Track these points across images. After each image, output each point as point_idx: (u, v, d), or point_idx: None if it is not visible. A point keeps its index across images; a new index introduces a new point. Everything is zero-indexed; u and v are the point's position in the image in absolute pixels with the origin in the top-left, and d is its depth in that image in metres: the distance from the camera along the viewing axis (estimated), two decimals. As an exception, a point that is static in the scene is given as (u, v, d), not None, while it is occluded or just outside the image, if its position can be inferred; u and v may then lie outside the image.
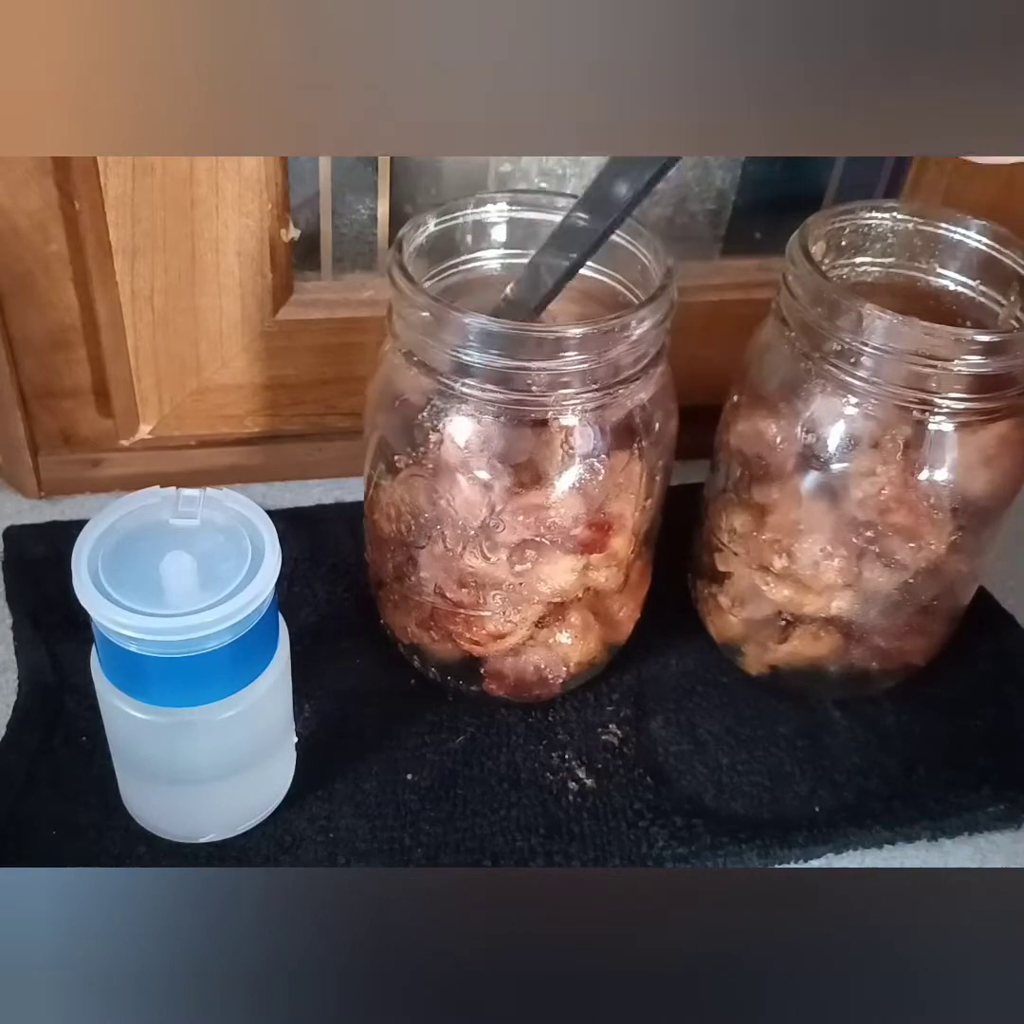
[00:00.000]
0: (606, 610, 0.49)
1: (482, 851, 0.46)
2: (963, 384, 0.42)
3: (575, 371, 0.40)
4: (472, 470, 0.42)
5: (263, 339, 0.58)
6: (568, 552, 0.44)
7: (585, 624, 0.48)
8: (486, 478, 0.43)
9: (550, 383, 0.40)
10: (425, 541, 0.45)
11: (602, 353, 0.40)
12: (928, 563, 0.47)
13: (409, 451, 0.44)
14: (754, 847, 0.47)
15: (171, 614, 0.37)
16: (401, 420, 0.44)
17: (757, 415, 0.47)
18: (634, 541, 0.46)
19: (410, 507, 0.45)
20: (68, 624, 0.50)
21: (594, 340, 0.40)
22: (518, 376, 0.40)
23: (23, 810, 0.45)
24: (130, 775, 0.44)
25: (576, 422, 0.42)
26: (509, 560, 0.44)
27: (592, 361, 0.40)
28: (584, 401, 0.41)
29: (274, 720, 0.44)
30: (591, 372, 0.40)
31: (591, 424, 0.42)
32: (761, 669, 0.53)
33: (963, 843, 0.48)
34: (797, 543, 0.47)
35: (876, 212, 0.48)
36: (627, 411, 0.43)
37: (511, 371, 0.40)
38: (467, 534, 0.44)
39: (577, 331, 0.40)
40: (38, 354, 0.56)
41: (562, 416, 0.42)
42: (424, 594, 0.47)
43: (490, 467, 0.42)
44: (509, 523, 0.43)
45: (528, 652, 0.49)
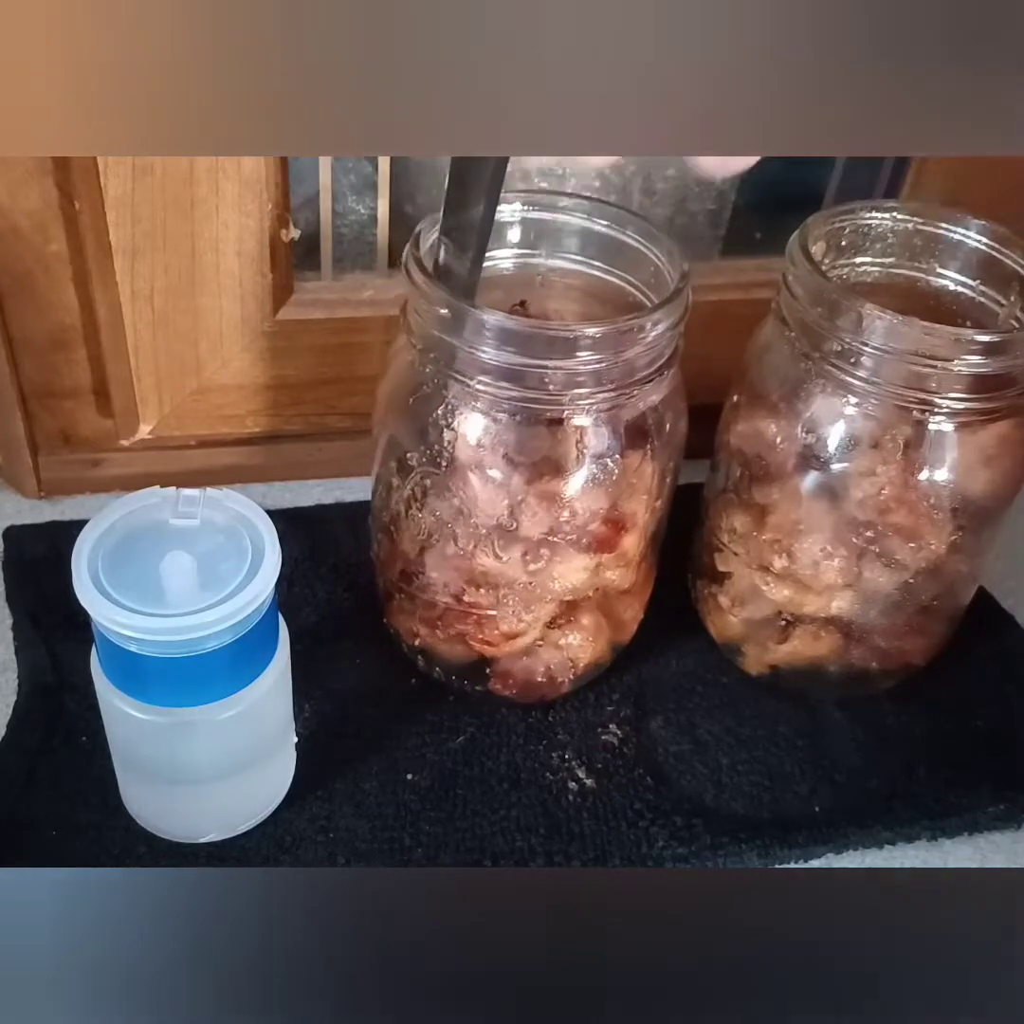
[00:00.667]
0: (613, 611, 0.49)
1: (482, 851, 0.46)
2: (963, 384, 0.42)
3: (590, 371, 0.40)
4: (486, 468, 0.42)
5: (263, 339, 0.58)
6: (581, 551, 0.44)
7: (596, 625, 0.48)
8: (500, 477, 0.42)
9: (565, 382, 0.40)
10: (436, 540, 0.45)
11: (618, 353, 0.40)
12: (928, 563, 0.47)
13: (422, 449, 0.43)
14: (754, 847, 0.47)
15: (171, 614, 0.37)
16: (414, 418, 0.44)
17: (757, 415, 0.47)
18: (643, 541, 0.46)
19: (422, 506, 0.45)
20: (68, 624, 0.50)
21: (610, 340, 0.40)
22: (534, 374, 0.40)
23: (23, 810, 0.45)
24: (130, 775, 0.44)
25: (591, 422, 0.42)
26: (523, 559, 0.44)
27: (608, 361, 0.40)
28: (599, 401, 0.41)
29: (274, 720, 0.44)
30: (606, 372, 0.40)
31: (605, 424, 0.42)
32: (761, 669, 0.53)
33: (963, 843, 0.48)
34: (797, 543, 0.47)
35: (876, 212, 0.48)
36: (640, 412, 0.43)
37: (527, 369, 0.40)
38: (479, 533, 0.44)
39: (594, 331, 0.39)
40: (38, 354, 0.56)
41: (577, 415, 0.42)
42: (434, 594, 0.47)
43: (504, 465, 0.42)
44: (523, 522, 0.43)
45: (538, 653, 0.49)
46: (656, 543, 0.49)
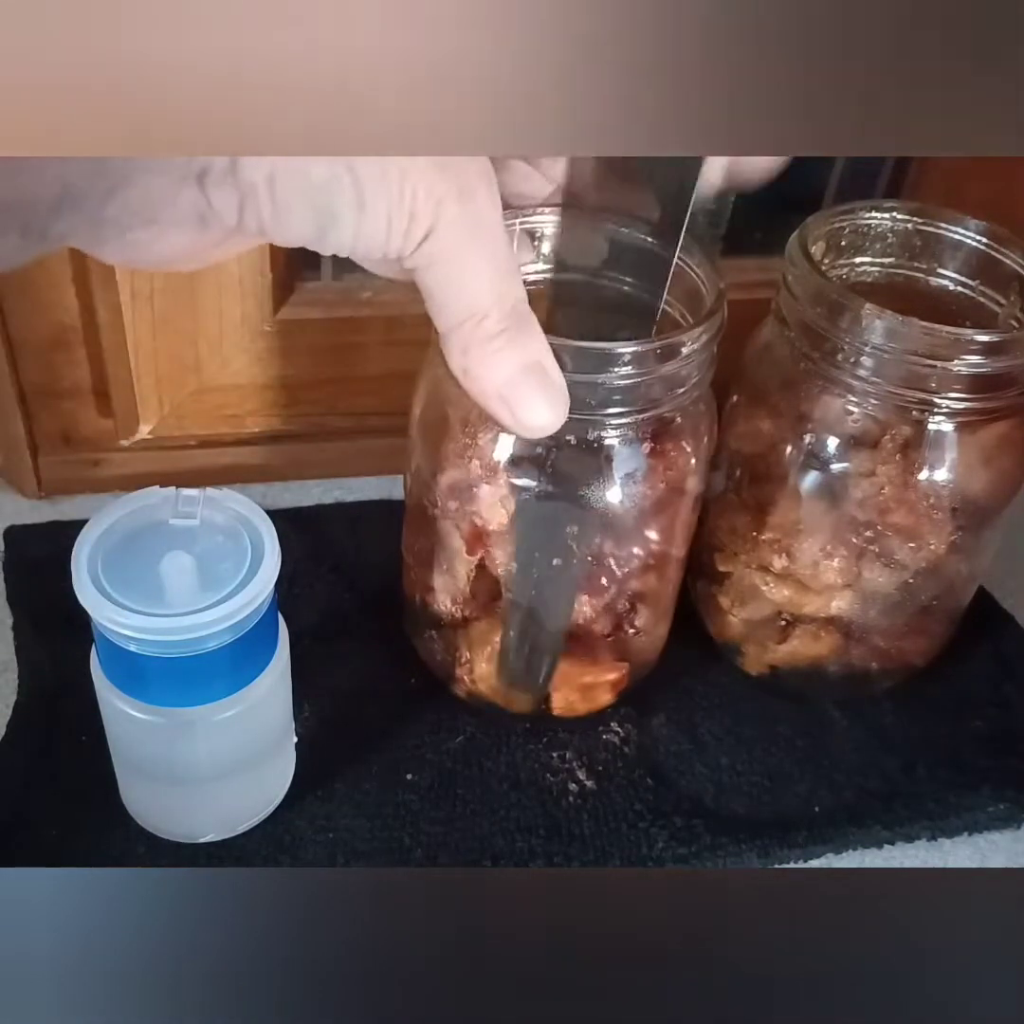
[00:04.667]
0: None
1: (482, 851, 0.46)
2: (963, 384, 0.42)
3: (624, 386, 0.39)
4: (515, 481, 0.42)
5: (263, 339, 0.58)
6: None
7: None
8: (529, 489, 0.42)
9: (599, 398, 0.39)
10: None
11: (652, 371, 0.39)
12: (928, 563, 0.47)
13: (455, 460, 0.43)
14: (754, 847, 0.46)
15: (171, 614, 0.37)
16: (445, 429, 0.43)
17: (757, 415, 0.47)
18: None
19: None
20: (68, 624, 0.50)
21: (645, 358, 0.39)
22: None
23: (23, 810, 0.45)
24: (130, 775, 0.44)
25: (625, 437, 0.41)
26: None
27: (642, 378, 0.39)
28: (634, 417, 0.40)
29: (274, 720, 0.44)
30: (640, 388, 0.39)
31: (638, 440, 0.41)
32: (761, 669, 0.53)
33: (963, 843, 0.48)
34: (797, 543, 0.47)
35: (876, 212, 0.48)
36: (675, 427, 0.42)
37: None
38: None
39: (628, 349, 0.38)
40: (38, 354, 0.56)
41: (610, 430, 0.41)
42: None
43: (534, 480, 0.42)
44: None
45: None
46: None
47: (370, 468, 0.62)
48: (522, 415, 0.34)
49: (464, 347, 0.32)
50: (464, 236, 0.30)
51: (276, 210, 0.28)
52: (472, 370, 0.33)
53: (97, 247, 0.29)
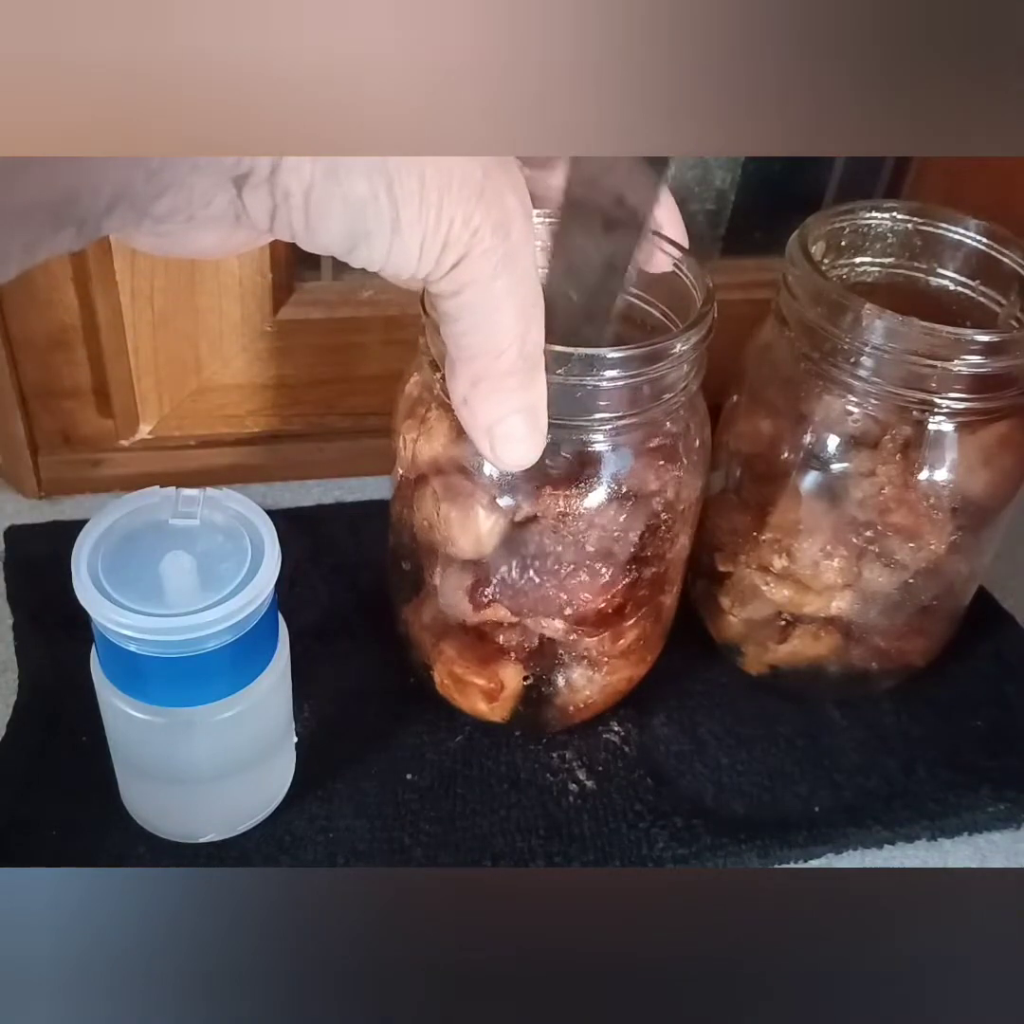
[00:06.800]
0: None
1: (482, 851, 0.46)
2: (963, 384, 0.42)
3: (614, 389, 0.39)
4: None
5: (263, 339, 0.58)
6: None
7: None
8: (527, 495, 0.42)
9: (589, 402, 0.39)
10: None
11: (641, 374, 0.39)
12: (928, 563, 0.47)
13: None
14: (754, 847, 0.47)
15: (171, 614, 0.37)
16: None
17: (757, 415, 0.47)
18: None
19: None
20: (68, 624, 0.50)
21: (635, 361, 0.38)
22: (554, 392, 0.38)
23: (23, 810, 0.45)
24: (130, 775, 0.44)
25: (615, 442, 0.41)
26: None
27: (631, 381, 0.39)
28: (624, 421, 0.40)
29: (274, 720, 0.44)
30: (631, 392, 0.39)
31: (629, 444, 0.41)
32: (761, 669, 0.53)
33: (963, 843, 0.48)
34: (797, 543, 0.47)
35: (876, 212, 0.48)
36: (667, 431, 0.42)
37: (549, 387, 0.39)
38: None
39: (617, 354, 0.38)
40: (38, 354, 0.56)
41: (601, 435, 0.40)
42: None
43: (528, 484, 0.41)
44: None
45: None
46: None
47: (370, 468, 0.62)
48: (502, 452, 0.34)
49: (475, 379, 0.32)
50: (495, 270, 0.30)
51: (309, 222, 0.28)
52: (474, 402, 0.33)
53: (132, 237, 0.30)
